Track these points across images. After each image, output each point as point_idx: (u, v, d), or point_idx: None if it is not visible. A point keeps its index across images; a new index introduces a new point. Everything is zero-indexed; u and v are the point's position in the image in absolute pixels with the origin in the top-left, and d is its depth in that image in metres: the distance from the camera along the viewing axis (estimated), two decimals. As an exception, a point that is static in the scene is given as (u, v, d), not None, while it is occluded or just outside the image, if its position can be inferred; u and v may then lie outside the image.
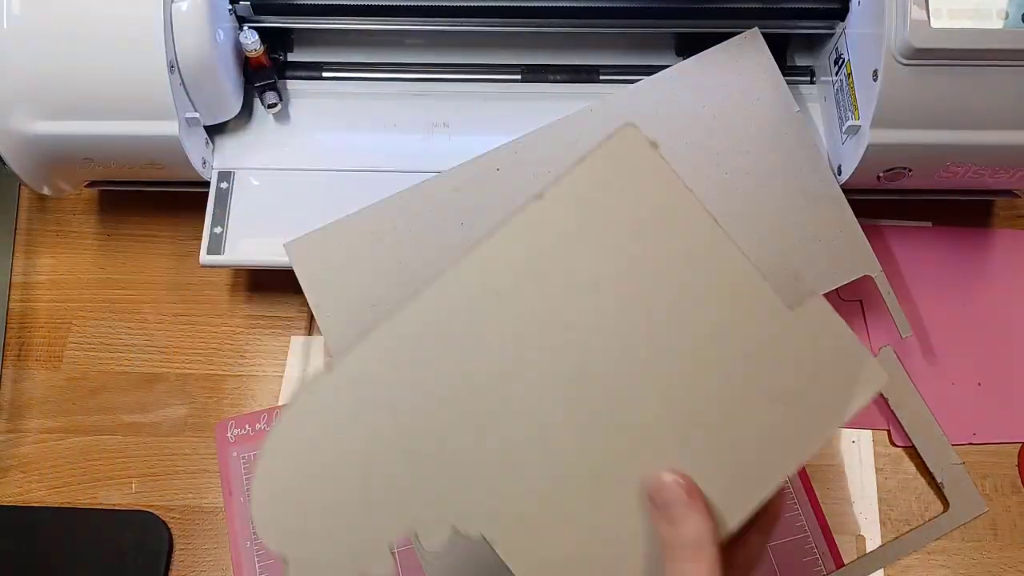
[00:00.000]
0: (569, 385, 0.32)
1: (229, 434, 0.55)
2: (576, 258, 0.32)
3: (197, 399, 0.56)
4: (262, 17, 0.54)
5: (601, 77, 0.57)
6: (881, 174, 0.51)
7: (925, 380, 0.55)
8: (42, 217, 0.62)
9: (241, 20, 0.54)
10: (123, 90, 0.48)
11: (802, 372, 0.33)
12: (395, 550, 0.32)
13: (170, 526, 0.53)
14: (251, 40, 0.52)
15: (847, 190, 0.52)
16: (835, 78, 0.53)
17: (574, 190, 0.33)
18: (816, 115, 0.56)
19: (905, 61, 0.46)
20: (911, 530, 0.53)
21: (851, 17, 0.52)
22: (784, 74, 0.54)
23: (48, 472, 0.55)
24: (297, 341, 0.58)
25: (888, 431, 0.55)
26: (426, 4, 0.53)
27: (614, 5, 0.53)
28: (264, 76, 0.55)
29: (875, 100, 0.47)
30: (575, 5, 0.53)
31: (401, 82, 0.57)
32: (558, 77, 0.57)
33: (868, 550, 0.52)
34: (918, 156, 0.50)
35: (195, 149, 0.52)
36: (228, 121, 0.56)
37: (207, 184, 0.55)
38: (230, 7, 0.52)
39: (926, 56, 0.45)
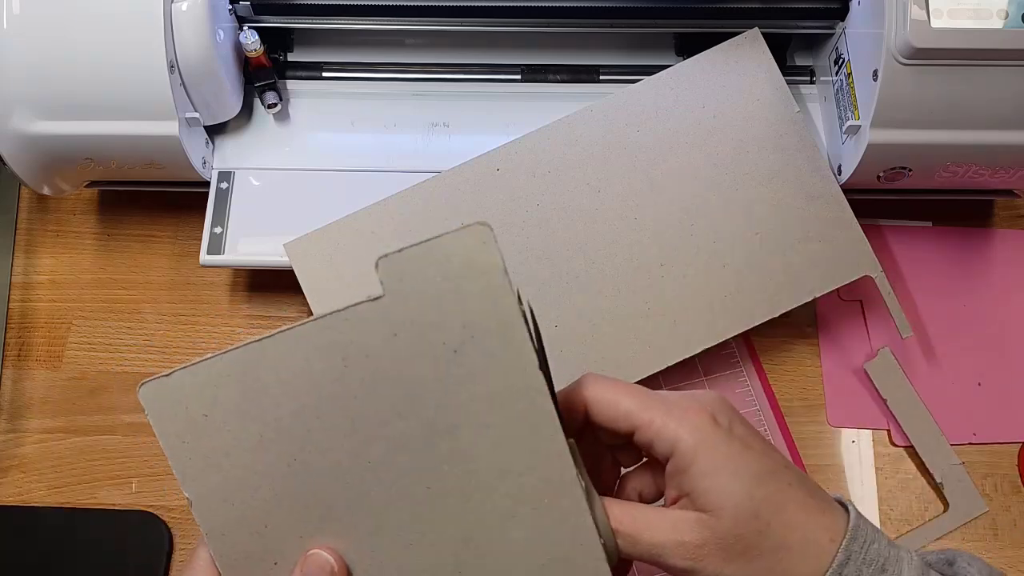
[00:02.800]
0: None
1: (229, 434, 0.55)
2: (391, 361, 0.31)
3: (197, 399, 0.56)
4: (262, 17, 0.54)
5: (601, 77, 0.57)
6: (881, 174, 0.51)
7: (925, 380, 0.55)
8: (42, 217, 0.62)
9: (241, 20, 0.54)
10: (123, 90, 0.48)
11: (541, 562, 0.32)
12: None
13: (170, 526, 0.53)
14: (251, 40, 0.52)
15: (847, 190, 0.52)
16: (835, 78, 0.53)
17: (408, 282, 0.31)
18: (816, 115, 0.56)
19: (905, 61, 0.46)
20: (911, 530, 0.53)
21: (851, 17, 0.52)
22: (784, 74, 0.54)
23: (48, 472, 0.55)
24: (297, 341, 0.58)
25: (888, 431, 0.55)
26: (426, 4, 0.53)
27: (614, 5, 0.53)
28: (264, 76, 0.55)
29: (875, 100, 0.47)
30: (575, 5, 0.53)
31: (401, 82, 0.57)
32: (558, 77, 0.57)
33: (868, 550, 0.52)
34: (918, 156, 0.50)
35: (195, 149, 0.52)
36: (228, 121, 0.56)
37: (207, 184, 0.55)
38: (230, 7, 0.52)
39: (926, 56, 0.45)
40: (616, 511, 0.32)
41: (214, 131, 0.56)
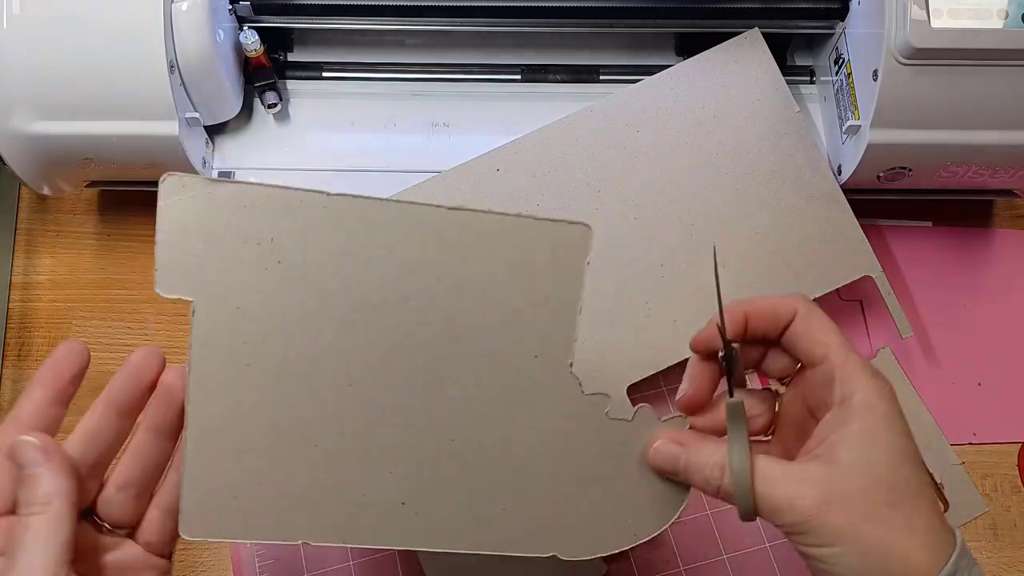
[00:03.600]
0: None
1: (229, 434, 0.55)
2: None
3: (197, 399, 0.56)
4: (262, 17, 0.54)
5: (601, 77, 0.57)
6: (881, 174, 0.51)
7: (925, 380, 0.55)
8: (42, 217, 0.62)
9: (241, 20, 0.54)
10: (123, 90, 0.48)
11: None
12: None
13: (170, 526, 0.53)
14: (251, 40, 0.52)
15: (847, 190, 0.52)
16: (835, 78, 0.53)
17: None
18: (816, 115, 0.56)
19: (905, 61, 0.46)
20: (911, 530, 0.53)
21: (851, 17, 0.52)
22: (784, 74, 0.54)
23: (48, 472, 0.55)
24: (297, 341, 0.58)
25: (888, 431, 0.55)
26: (426, 4, 0.53)
27: (614, 5, 0.53)
28: (264, 76, 0.55)
29: (875, 100, 0.47)
30: (575, 5, 0.53)
31: (401, 82, 0.57)
32: (558, 77, 0.57)
33: (868, 550, 0.52)
34: (918, 156, 0.50)
35: (195, 149, 0.52)
36: (228, 121, 0.56)
37: (207, 184, 0.55)
38: (230, 7, 0.52)
39: (926, 56, 0.45)
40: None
41: (214, 131, 0.56)
